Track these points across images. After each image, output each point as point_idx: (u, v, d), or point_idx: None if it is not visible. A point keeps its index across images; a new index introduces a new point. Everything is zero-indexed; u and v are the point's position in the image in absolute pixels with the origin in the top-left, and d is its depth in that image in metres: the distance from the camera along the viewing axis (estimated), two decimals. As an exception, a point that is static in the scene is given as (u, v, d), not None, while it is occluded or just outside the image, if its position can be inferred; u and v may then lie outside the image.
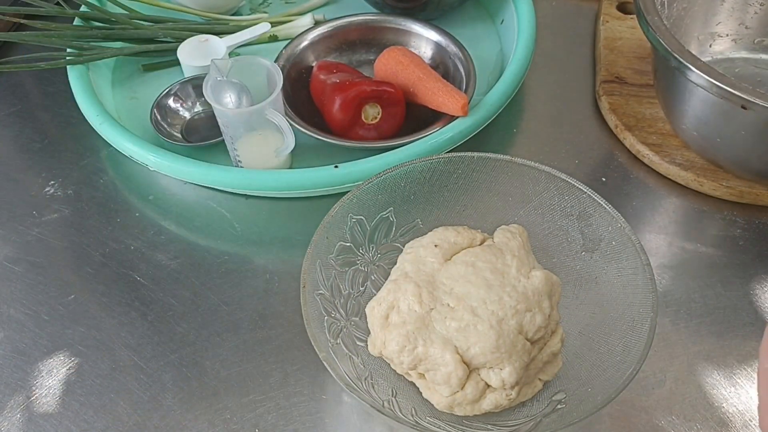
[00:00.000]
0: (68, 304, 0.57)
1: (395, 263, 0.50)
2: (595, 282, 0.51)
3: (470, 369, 0.45)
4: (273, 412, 0.51)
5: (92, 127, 0.66)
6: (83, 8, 0.74)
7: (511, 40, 0.73)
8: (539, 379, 0.48)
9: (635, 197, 0.63)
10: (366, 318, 0.48)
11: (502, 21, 0.77)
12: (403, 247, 0.51)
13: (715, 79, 0.53)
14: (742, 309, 0.55)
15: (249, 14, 0.81)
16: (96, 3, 0.75)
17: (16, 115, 0.73)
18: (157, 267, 0.59)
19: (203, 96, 0.70)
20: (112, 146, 0.66)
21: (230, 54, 0.74)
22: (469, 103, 0.63)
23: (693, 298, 0.56)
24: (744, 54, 0.71)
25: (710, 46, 0.71)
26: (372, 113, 0.64)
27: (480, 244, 0.50)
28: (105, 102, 0.68)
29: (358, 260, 0.53)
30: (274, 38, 0.77)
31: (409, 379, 0.48)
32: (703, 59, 0.55)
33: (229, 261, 0.59)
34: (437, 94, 0.63)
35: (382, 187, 0.53)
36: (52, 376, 0.53)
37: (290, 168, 0.63)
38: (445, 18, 0.78)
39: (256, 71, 0.63)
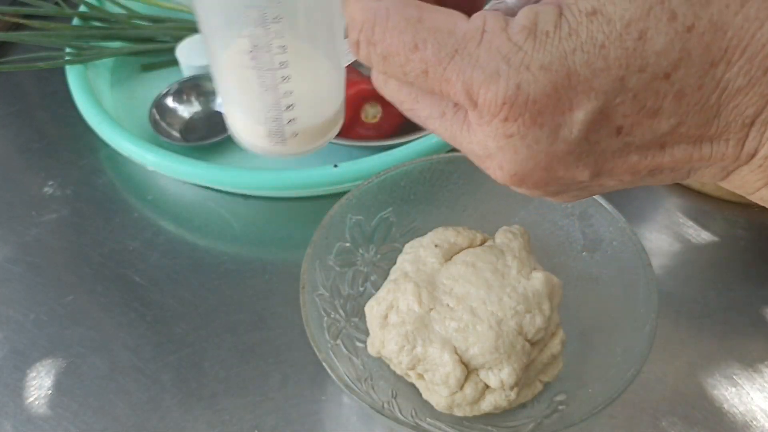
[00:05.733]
0: (67, 304, 0.57)
1: (395, 263, 0.50)
2: (596, 282, 0.51)
3: (469, 369, 0.45)
4: (272, 413, 0.50)
5: (91, 127, 0.66)
6: (82, 8, 0.73)
7: (511, 40, 0.72)
8: (539, 381, 0.48)
9: (636, 197, 0.63)
10: (366, 319, 0.48)
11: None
12: (403, 247, 0.51)
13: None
14: (744, 310, 0.55)
15: (248, 13, 0.80)
16: (95, 2, 0.75)
17: (15, 115, 0.73)
18: (156, 267, 0.59)
19: (202, 95, 0.70)
20: (110, 146, 0.66)
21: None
22: (469, 102, 0.62)
23: (694, 299, 0.56)
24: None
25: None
26: (372, 112, 0.63)
27: (480, 245, 0.50)
28: (104, 102, 0.68)
29: (358, 261, 0.53)
30: (273, 38, 0.77)
31: (409, 380, 0.48)
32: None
33: (228, 261, 0.59)
34: (437, 94, 0.63)
35: (382, 187, 0.53)
36: (51, 377, 0.53)
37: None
38: (444, 17, 0.77)
39: None
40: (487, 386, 0.45)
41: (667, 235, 0.60)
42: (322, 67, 0.30)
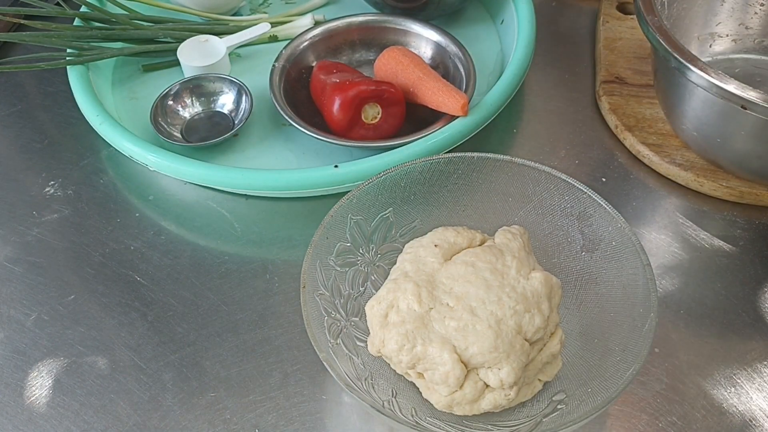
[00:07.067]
0: (68, 304, 0.57)
1: (395, 263, 0.50)
2: (595, 282, 0.51)
3: (468, 369, 0.45)
4: (273, 412, 0.51)
5: (92, 128, 0.67)
6: (83, 9, 0.74)
7: (511, 40, 0.73)
8: (539, 380, 0.48)
9: (635, 197, 0.63)
10: (366, 318, 0.48)
11: (502, 21, 0.77)
12: (403, 247, 0.51)
13: (715, 79, 0.53)
14: (742, 309, 0.55)
15: (249, 14, 0.81)
16: (96, 3, 0.75)
17: (16, 115, 0.73)
18: (157, 267, 0.59)
19: (203, 96, 0.70)
20: (112, 146, 0.66)
21: (230, 54, 0.74)
22: (469, 103, 0.63)
23: (693, 299, 0.56)
24: (744, 54, 0.71)
25: (710, 46, 0.71)
26: (372, 113, 0.64)
27: (480, 245, 0.50)
28: (105, 102, 0.68)
29: (358, 261, 0.53)
30: (274, 38, 0.77)
31: (409, 379, 0.48)
32: (703, 59, 0.55)
33: (229, 261, 0.59)
34: (437, 94, 0.63)
35: (382, 187, 0.53)
36: (52, 377, 0.53)
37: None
38: (445, 18, 0.78)
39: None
40: (486, 385, 0.45)
41: (666, 235, 0.60)
42: None
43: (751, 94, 0.52)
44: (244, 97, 0.69)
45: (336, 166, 0.60)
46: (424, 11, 0.74)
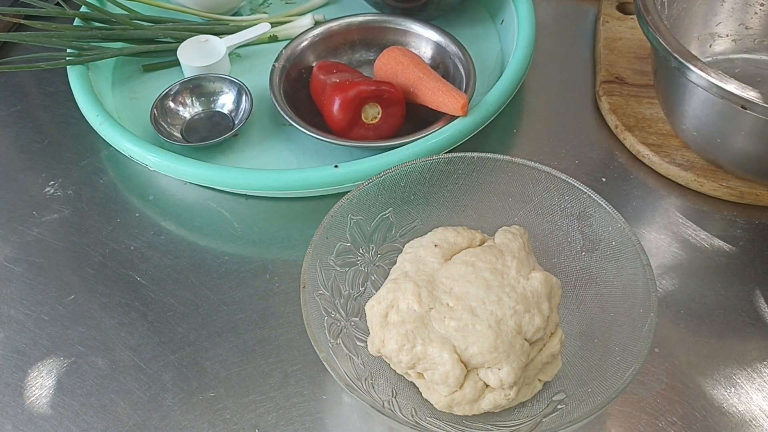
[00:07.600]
0: (68, 304, 0.57)
1: (395, 263, 0.50)
2: (595, 282, 0.51)
3: (468, 368, 0.45)
4: (273, 412, 0.51)
5: (92, 127, 0.66)
6: (83, 9, 0.74)
7: (511, 40, 0.73)
8: (539, 380, 0.48)
9: (635, 197, 0.63)
10: (366, 318, 0.48)
11: (502, 21, 0.77)
12: (403, 247, 0.51)
13: (715, 79, 0.53)
14: (742, 309, 0.55)
15: (249, 14, 0.81)
16: (96, 3, 0.75)
17: (16, 115, 0.73)
18: (157, 267, 0.59)
19: (203, 96, 0.70)
20: (112, 146, 0.66)
21: (230, 54, 0.74)
22: (469, 103, 0.63)
23: (693, 299, 0.56)
24: (744, 54, 0.71)
25: (710, 46, 0.71)
26: (372, 113, 0.64)
27: (480, 245, 0.50)
28: (105, 102, 0.68)
29: (358, 260, 0.53)
30: (274, 38, 0.77)
31: (409, 379, 0.48)
32: (703, 59, 0.55)
33: (229, 261, 0.59)
34: (437, 94, 0.63)
35: (382, 187, 0.53)
36: (52, 377, 0.53)
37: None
38: (445, 18, 0.78)
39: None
40: (486, 385, 0.45)
41: (666, 236, 0.60)
42: None
43: (751, 94, 0.52)
44: (244, 97, 0.69)
45: (336, 166, 0.60)
46: (424, 11, 0.74)
